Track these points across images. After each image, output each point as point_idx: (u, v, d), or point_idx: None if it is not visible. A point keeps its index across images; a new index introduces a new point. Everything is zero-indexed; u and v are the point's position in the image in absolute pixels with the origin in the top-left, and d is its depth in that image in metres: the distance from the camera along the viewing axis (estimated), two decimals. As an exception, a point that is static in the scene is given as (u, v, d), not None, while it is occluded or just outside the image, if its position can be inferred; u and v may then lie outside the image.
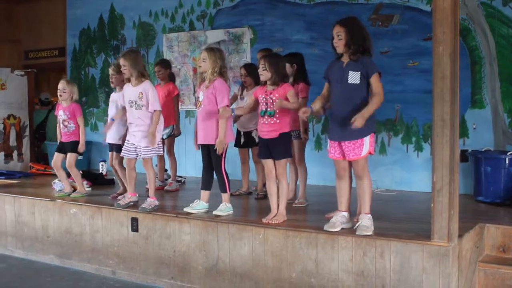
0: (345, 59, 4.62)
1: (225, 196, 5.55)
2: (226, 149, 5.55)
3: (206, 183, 5.67)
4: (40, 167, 9.46)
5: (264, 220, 5.07)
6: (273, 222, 4.98)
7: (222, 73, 5.48)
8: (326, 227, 4.67)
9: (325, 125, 7.45)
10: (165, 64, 7.40)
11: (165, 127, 6.93)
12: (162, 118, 5.93)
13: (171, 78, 7.44)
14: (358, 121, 4.35)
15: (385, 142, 7.29)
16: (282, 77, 5.12)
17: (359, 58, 4.54)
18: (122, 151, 5.98)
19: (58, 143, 6.81)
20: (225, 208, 5.47)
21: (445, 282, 4.18)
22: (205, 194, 5.65)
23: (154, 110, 5.77)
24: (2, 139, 10.04)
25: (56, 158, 6.77)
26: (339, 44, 4.59)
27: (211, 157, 5.56)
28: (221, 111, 5.29)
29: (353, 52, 4.54)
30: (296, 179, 6.11)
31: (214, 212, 5.43)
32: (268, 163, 5.21)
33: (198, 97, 5.61)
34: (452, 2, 4.14)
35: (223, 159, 5.50)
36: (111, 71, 6.52)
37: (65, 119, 6.67)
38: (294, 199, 6.03)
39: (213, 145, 5.44)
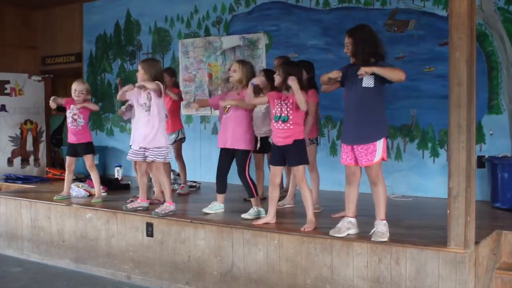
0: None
1: (254, 201, 5.65)
2: (251, 155, 5.75)
3: (221, 187, 5.88)
4: (57, 172, 9.52)
5: (255, 223, 5.22)
6: (305, 230, 4.90)
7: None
8: (331, 232, 4.68)
9: (340, 130, 7.42)
10: (171, 72, 7.46)
11: (172, 132, 7.01)
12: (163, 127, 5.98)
13: (176, 86, 7.49)
14: (364, 68, 4.44)
15: (400, 147, 7.26)
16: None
17: (372, 64, 4.54)
18: (129, 154, 6.01)
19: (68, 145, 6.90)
20: (254, 212, 5.55)
21: (462, 289, 4.15)
22: (220, 196, 5.89)
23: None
24: (19, 144, 10.14)
25: (70, 162, 6.85)
26: (349, 54, 4.69)
27: (230, 164, 5.79)
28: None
29: (362, 60, 4.56)
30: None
31: (242, 215, 5.52)
32: (276, 169, 5.25)
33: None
34: (469, 7, 4.12)
35: (247, 165, 5.68)
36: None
37: (75, 112, 6.71)
38: (293, 203, 6.21)
39: (241, 150, 5.65)
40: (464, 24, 4.12)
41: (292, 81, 4.96)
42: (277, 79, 5.15)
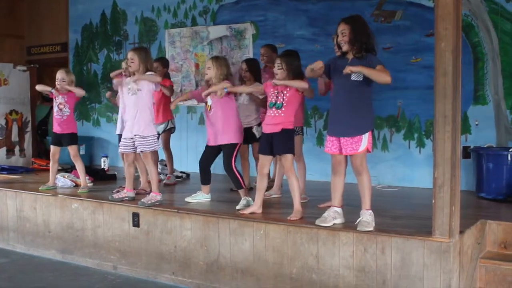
0: (350, 56, 4.65)
1: (242, 192, 5.67)
2: (238, 148, 5.77)
3: (206, 179, 5.93)
4: (42, 163, 9.45)
5: (241, 212, 5.24)
6: (292, 219, 4.91)
7: (227, 80, 5.71)
8: (317, 222, 4.69)
9: (327, 121, 7.42)
10: (165, 62, 7.49)
11: (161, 122, 7.00)
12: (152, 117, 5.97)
13: (167, 77, 7.48)
14: (350, 68, 4.42)
15: (387, 138, 7.28)
16: (298, 76, 5.14)
17: (363, 55, 4.54)
18: (120, 146, 6.01)
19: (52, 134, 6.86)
20: (245, 202, 5.56)
21: (446, 278, 4.17)
22: (205, 187, 5.92)
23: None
24: (4, 134, 10.05)
25: (54, 151, 6.81)
26: (344, 41, 4.61)
27: (216, 157, 5.85)
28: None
29: (357, 49, 4.56)
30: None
31: (237, 207, 5.49)
32: (264, 159, 5.26)
33: (206, 102, 5.79)
34: (455, -3, 4.13)
35: (233, 158, 5.69)
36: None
37: (61, 102, 6.67)
38: (280, 193, 6.23)
39: (227, 145, 5.66)
40: (450, 14, 4.13)
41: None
42: (281, 73, 5.10)
